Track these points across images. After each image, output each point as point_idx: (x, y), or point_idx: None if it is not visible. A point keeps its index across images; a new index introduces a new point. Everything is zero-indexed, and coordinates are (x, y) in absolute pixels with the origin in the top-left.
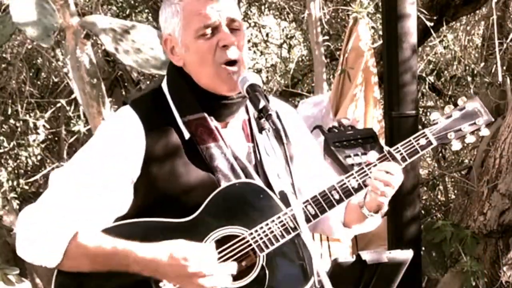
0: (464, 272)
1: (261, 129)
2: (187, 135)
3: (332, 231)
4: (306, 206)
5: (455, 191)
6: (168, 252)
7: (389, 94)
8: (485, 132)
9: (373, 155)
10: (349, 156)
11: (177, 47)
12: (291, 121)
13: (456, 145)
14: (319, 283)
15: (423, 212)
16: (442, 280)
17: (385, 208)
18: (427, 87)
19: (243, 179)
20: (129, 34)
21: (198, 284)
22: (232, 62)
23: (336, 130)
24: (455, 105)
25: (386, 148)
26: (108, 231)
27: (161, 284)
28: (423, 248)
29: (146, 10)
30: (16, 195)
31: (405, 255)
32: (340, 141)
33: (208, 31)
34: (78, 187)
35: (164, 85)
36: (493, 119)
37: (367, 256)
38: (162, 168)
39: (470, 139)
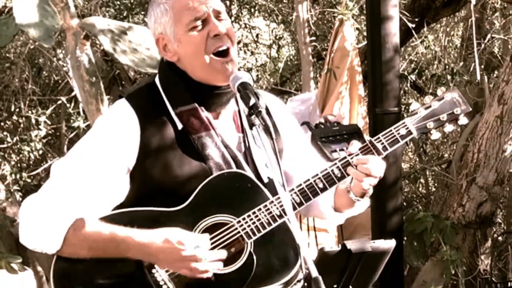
0: (444, 261)
1: (251, 125)
2: (179, 126)
3: (324, 216)
4: (291, 195)
5: (436, 184)
6: (163, 237)
7: (373, 92)
8: (463, 121)
9: (355, 145)
10: (335, 151)
11: (170, 44)
12: (280, 113)
13: (435, 135)
14: (306, 271)
15: (405, 204)
16: (423, 268)
17: (370, 193)
18: (409, 85)
19: (232, 169)
20: (126, 35)
21: (191, 268)
22: (225, 53)
23: (323, 126)
24: (435, 96)
25: (367, 138)
26: (105, 219)
27: (153, 271)
28: (405, 238)
29: (142, 12)
30: (19, 188)
31: (388, 244)
32: (326, 136)
33: (199, 23)
34: (77, 177)
35: (157, 80)
36: (471, 109)
37: (352, 245)
38: (156, 157)
39: (449, 128)
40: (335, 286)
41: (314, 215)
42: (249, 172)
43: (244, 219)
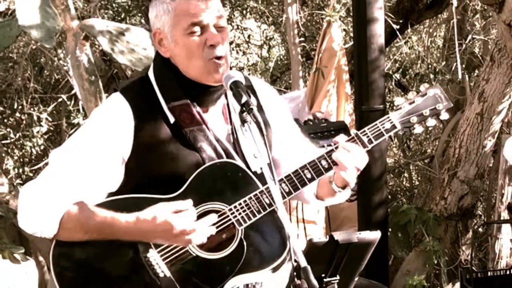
0: (426, 251)
1: (243, 121)
2: (172, 119)
3: (307, 201)
4: (281, 184)
5: (419, 178)
6: (150, 218)
7: (359, 90)
8: (445, 116)
9: (342, 137)
10: (323, 146)
11: (166, 40)
12: (270, 100)
13: (418, 129)
14: (295, 261)
15: (389, 197)
16: (407, 258)
17: (352, 185)
18: (393, 83)
19: (224, 159)
20: (124, 36)
21: (186, 240)
22: (219, 58)
23: (311, 123)
24: (418, 92)
25: (354, 131)
26: (100, 205)
27: (148, 254)
28: (390, 230)
29: (139, 14)
30: (21, 182)
31: (374, 235)
32: (315, 132)
33: (197, 29)
34: (73, 165)
35: (151, 74)
36: (452, 105)
37: (339, 236)
38: (150, 148)
39: (431, 122)
40: (323, 275)
41: (298, 199)
42: (240, 162)
43: (235, 207)
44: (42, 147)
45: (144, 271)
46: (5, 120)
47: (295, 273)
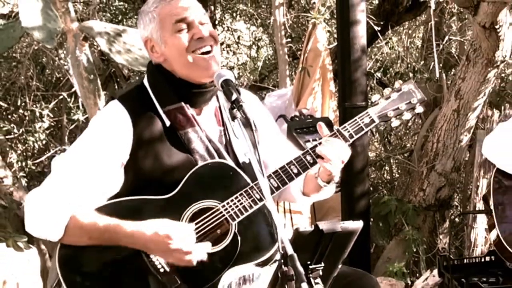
0: (406, 240)
1: (233, 117)
2: (167, 123)
3: (294, 199)
4: (269, 180)
5: (399, 171)
6: (153, 231)
7: (343, 88)
8: (419, 109)
9: (324, 131)
10: (308, 141)
11: (157, 46)
12: (257, 109)
13: (395, 122)
14: (282, 249)
15: (371, 188)
16: (388, 246)
17: (336, 179)
18: (375, 82)
19: (216, 159)
20: (121, 36)
21: (179, 259)
22: (207, 52)
23: (297, 119)
24: (393, 88)
25: (335, 127)
26: (102, 208)
27: (151, 256)
28: (372, 220)
29: (135, 16)
30: (24, 174)
31: (356, 225)
32: (301, 128)
33: (184, 26)
34: (76, 171)
35: (146, 81)
36: (426, 98)
37: (324, 226)
38: (147, 151)
39: (407, 116)
40: (308, 262)
41: (286, 199)
42: (230, 162)
43: (228, 203)
44: (44, 142)
45: (144, 266)
46: (9, 116)
47: (282, 261)
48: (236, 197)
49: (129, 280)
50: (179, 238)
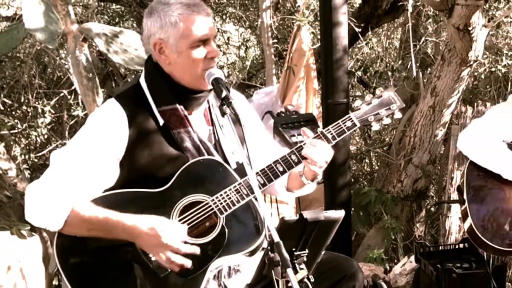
0: (385, 228)
1: (223, 113)
2: (161, 122)
3: (278, 194)
4: (256, 177)
5: (378, 163)
6: (149, 225)
7: (326, 86)
8: (398, 115)
9: (309, 134)
10: (294, 135)
11: (168, 50)
12: (244, 109)
13: (375, 126)
14: (269, 237)
15: (352, 180)
16: (368, 234)
17: (320, 177)
18: (356, 80)
19: (206, 156)
20: (118, 38)
21: (166, 255)
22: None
23: (283, 114)
24: (374, 94)
25: (319, 129)
26: (98, 200)
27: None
28: (353, 209)
29: (132, 19)
30: (27, 167)
31: (338, 214)
32: (286, 123)
33: (200, 42)
34: (74, 165)
35: (142, 81)
36: (404, 105)
37: (308, 215)
38: (142, 148)
39: (387, 121)
40: (293, 249)
41: (269, 193)
42: (220, 159)
43: (217, 197)
44: (45, 136)
45: (136, 254)
46: (13, 112)
47: (269, 248)
48: (225, 192)
49: (121, 267)
50: (171, 236)
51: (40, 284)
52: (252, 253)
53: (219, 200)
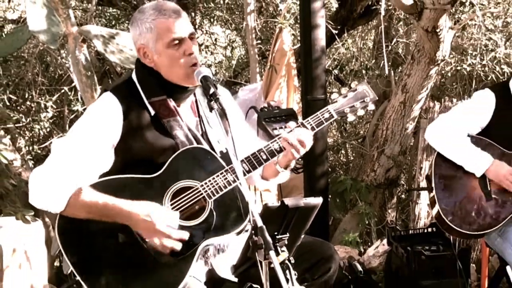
0: (360, 214)
1: (211, 108)
2: (152, 112)
3: (254, 182)
4: (242, 164)
5: (353, 154)
6: (146, 211)
7: (305, 83)
8: (371, 107)
9: (291, 124)
10: (276, 129)
11: (150, 53)
12: (229, 104)
13: (351, 118)
14: (253, 222)
15: (330, 169)
16: (344, 219)
17: (292, 165)
18: (333, 78)
19: (195, 144)
20: (114, 39)
21: (159, 241)
22: (195, 64)
23: (266, 109)
24: (350, 87)
25: (300, 120)
26: (96, 185)
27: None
28: (330, 196)
29: (127, 22)
30: (31, 157)
31: (317, 201)
32: (269, 117)
33: (176, 42)
34: (74, 152)
35: (134, 76)
36: (377, 98)
37: (289, 202)
38: (135, 136)
39: (361, 112)
40: (275, 233)
41: (248, 182)
42: (207, 147)
43: (206, 183)
44: (48, 130)
45: (132, 235)
46: (18, 107)
47: (253, 232)
48: (213, 178)
49: (118, 246)
50: (164, 223)
51: (42, 265)
52: (238, 233)
53: (207, 186)
